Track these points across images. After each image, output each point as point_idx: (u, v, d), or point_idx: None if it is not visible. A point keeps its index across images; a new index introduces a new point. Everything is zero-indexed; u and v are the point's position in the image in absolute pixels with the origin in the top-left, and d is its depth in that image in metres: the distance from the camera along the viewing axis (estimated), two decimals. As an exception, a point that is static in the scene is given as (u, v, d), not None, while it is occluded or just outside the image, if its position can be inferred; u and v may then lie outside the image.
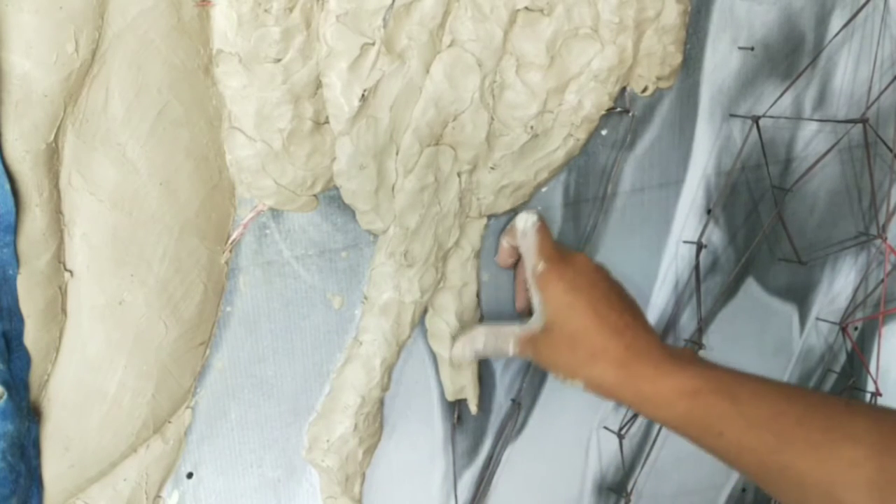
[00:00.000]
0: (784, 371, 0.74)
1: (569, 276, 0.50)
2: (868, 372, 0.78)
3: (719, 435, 0.45)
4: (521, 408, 0.61)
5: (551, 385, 0.62)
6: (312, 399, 0.53)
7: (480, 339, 0.54)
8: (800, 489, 0.43)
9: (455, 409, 0.58)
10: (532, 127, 0.53)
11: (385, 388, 0.54)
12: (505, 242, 0.56)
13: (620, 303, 0.51)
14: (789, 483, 0.43)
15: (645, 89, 0.58)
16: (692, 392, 0.46)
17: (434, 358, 0.57)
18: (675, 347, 0.50)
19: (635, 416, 0.66)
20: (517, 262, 0.57)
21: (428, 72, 0.49)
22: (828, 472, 0.42)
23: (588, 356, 0.49)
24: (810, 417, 0.44)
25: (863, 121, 0.65)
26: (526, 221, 0.53)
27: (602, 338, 0.49)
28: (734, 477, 0.75)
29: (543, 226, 0.53)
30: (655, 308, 0.65)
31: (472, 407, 0.59)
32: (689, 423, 0.46)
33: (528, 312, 0.56)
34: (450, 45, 0.50)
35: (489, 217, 0.56)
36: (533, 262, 0.52)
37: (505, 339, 0.52)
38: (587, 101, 0.54)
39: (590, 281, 0.51)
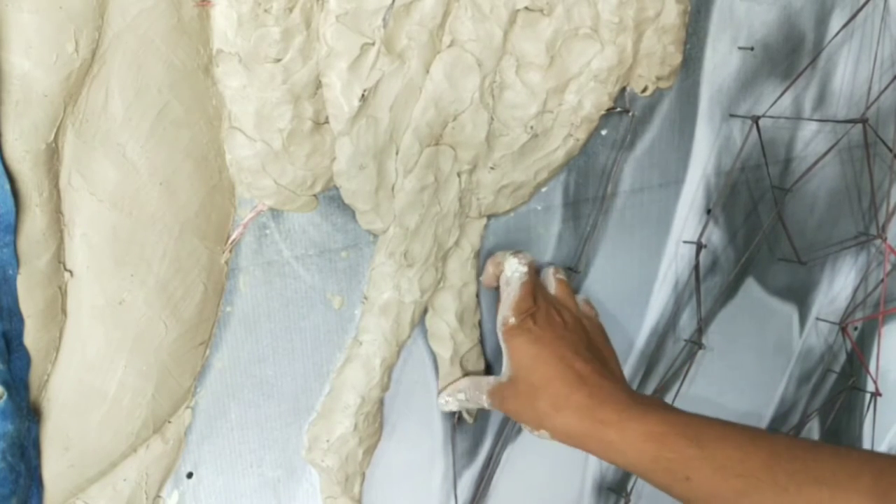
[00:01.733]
0: (784, 371, 0.74)
1: (535, 330, 0.51)
2: (868, 372, 0.78)
3: (686, 479, 0.45)
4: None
5: (551, 385, 0.62)
6: (312, 399, 0.53)
7: (461, 394, 0.55)
8: None
9: (455, 410, 0.58)
10: (532, 127, 0.53)
11: (385, 388, 0.54)
12: (490, 268, 0.56)
13: (587, 351, 0.51)
14: None
15: (645, 89, 0.58)
16: (658, 436, 0.46)
17: (434, 358, 0.57)
18: (640, 394, 0.51)
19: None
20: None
21: (428, 72, 0.49)
22: None
23: (551, 406, 0.49)
24: (776, 460, 0.44)
25: (863, 121, 0.66)
26: (515, 271, 0.53)
27: (566, 387, 0.49)
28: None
29: (529, 280, 0.53)
30: (655, 308, 0.65)
31: (467, 416, 0.59)
32: (656, 469, 0.46)
33: (494, 287, 0.56)
34: (450, 45, 0.50)
35: (489, 217, 0.56)
36: (505, 314, 0.52)
37: (480, 392, 0.53)
38: (587, 101, 0.54)
39: (556, 334, 0.51)
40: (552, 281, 0.56)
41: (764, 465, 0.44)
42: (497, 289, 0.56)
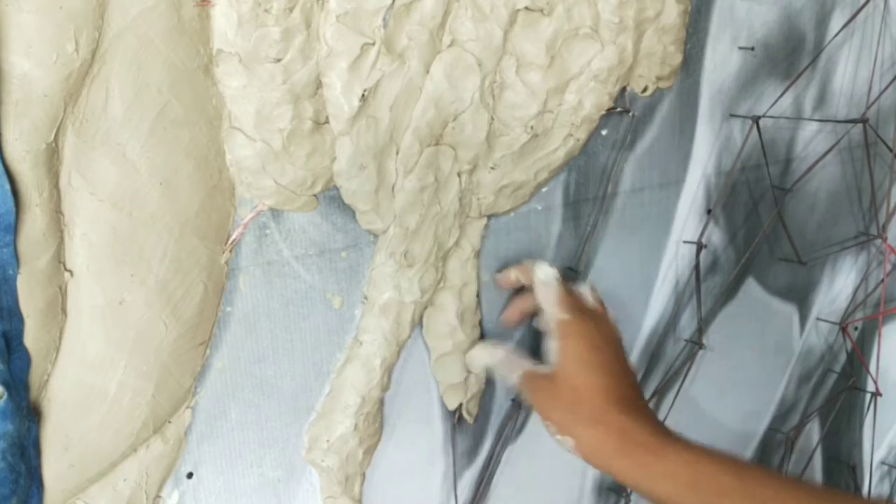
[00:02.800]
0: (784, 371, 0.74)
1: (591, 334, 0.50)
2: (868, 372, 0.78)
3: None
4: (521, 408, 0.61)
5: (551, 385, 0.62)
6: (312, 399, 0.53)
7: (498, 356, 0.54)
8: None
9: (455, 410, 0.58)
10: (532, 127, 0.53)
11: (385, 388, 0.54)
12: (513, 275, 0.55)
13: (629, 375, 0.51)
14: None
15: (645, 89, 0.58)
16: (696, 463, 0.46)
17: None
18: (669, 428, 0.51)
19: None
20: (516, 289, 0.57)
21: (428, 72, 0.49)
22: None
23: (588, 417, 0.48)
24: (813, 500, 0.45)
25: (863, 121, 0.66)
26: (547, 273, 0.53)
27: (608, 402, 0.48)
28: (734, 477, 0.75)
29: (563, 280, 0.53)
30: (656, 308, 0.65)
31: (467, 416, 0.59)
32: (689, 495, 0.46)
33: (513, 325, 0.57)
34: (450, 45, 0.50)
35: (489, 217, 0.56)
36: (554, 311, 0.52)
37: (514, 368, 0.53)
38: (587, 101, 0.54)
39: (609, 346, 0.51)
40: (590, 297, 0.55)
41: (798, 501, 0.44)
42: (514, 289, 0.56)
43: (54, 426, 0.44)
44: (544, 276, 0.53)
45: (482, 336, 0.58)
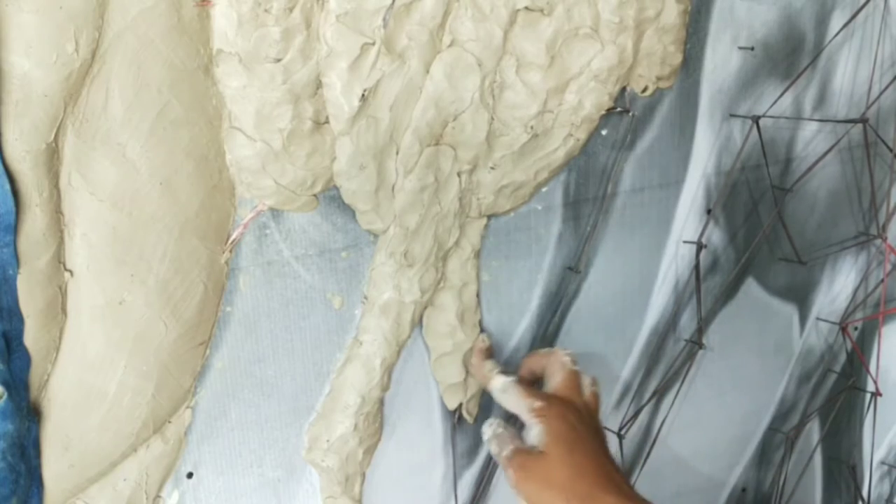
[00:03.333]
0: (784, 371, 0.74)
1: (567, 414, 0.50)
2: (868, 372, 0.78)
3: None
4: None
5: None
6: (312, 399, 0.53)
7: (487, 434, 0.52)
8: None
9: (455, 410, 0.58)
10: (532, 127, 0.53)
11: (385, 388, 0.54)
12: (533, 362, 0.55)
13: (607, 451, 0.51)
14: None
15: (645, 89, 0.58)
16: None
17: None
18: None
19: (635, 416, 0.66)
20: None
21: (428, 72, 0.49)
22: None
23: (580, 499, 0.47)
24: None
25: (863, 121, 0.65)
26: (503, 383, 0.52)
27: (597, 485, 0.48)
28: (734, 477, 0.75)
29: (519, 383, 0.53)
30: (655, 308, 0.65)
31: (467, 416, 0.59)
32: None
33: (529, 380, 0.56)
34: (450, 45, 0.50)
35: (489, 217, 0.56)
36: (525, 405, 0.51)
37: (503, 445, 0.51)
38: (587, 101, 0.54)
39: (585, 423, 0.50)
40: (587, 390, 0.54)
41: None
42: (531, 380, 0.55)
43: (54, 426, 0.44)
44: (501, 385, 0.53)
45: (482, 330, 0.58)
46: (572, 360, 0.54)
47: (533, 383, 0.55)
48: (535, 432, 0.50)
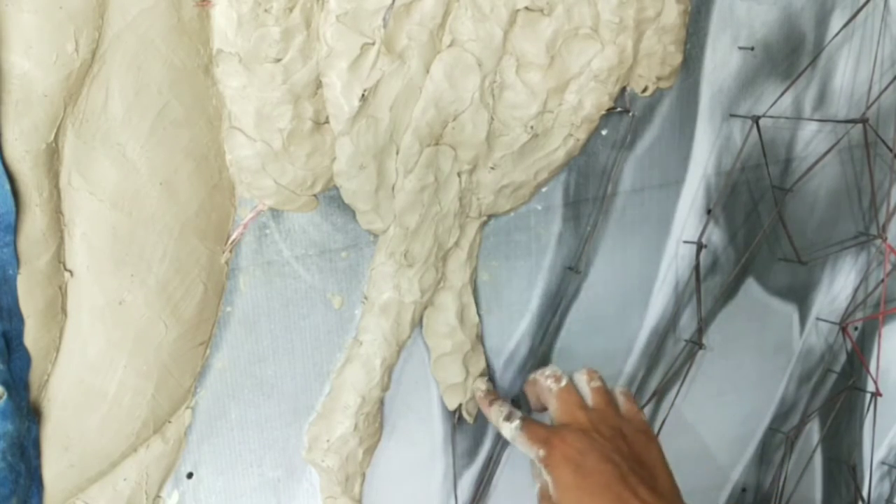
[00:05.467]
0: (784, 371, 0.74)
1: (574, 457, 0.49)
2: (868, 372, 0.78)
3: None
4: (520, 408, 0.61)
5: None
6: (312, 399, 0.53)
7: (511, 440, 0.52)
8: None
9: (455, 410, 0.58)
10: (532, 127, 0.53)
11: (385, 388, 0.54)
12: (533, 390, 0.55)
13: (633, 473, 0.49)
14: None
15: (645, 89, 0.58)
16: None
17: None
18: None
19: (635, 416, 0.66)
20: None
21: (428, 72, 0.49)
22: None
23: None
24: None
25: (863, 121, 0.66)
26: (509, 430, 0.52)
27: None
28: (734, 477, 0.75)
29: (526, 423, 0.52)
30: (655, 308, 0.65)
31: (467, 416, 0.59)
32: None
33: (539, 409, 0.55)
34: (450, 45, 0.50)
35: (489, 217, 0.56)
36: (532, 454, 0.51)
37: (534, 470, 0.51)
38: (587, 101, 0.54)
39: (599, 456, 0.49)
40: (587, 391, 0.53)
41: None
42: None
43: (54, 426, 0.44)
44: (510, 435, 0.52)
45: (483, 336, 0.58)
46: (556, 377, 0.53)
47: (545, 408, 0.54)
48: (548, 482, 0.50)
